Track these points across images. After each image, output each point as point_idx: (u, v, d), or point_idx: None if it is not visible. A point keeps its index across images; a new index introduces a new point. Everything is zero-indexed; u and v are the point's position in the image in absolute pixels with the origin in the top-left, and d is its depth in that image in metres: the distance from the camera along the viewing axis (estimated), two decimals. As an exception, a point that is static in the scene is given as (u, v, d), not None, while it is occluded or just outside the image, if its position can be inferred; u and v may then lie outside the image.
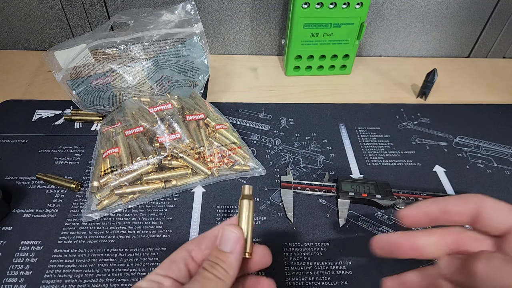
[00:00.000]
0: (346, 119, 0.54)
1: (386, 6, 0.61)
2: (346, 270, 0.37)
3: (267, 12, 0.60)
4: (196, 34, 0.49)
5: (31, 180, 0.43)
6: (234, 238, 0.25)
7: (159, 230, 0.39)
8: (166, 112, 0.45)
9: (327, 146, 0.49)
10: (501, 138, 0.52)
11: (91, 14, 0.59)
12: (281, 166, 0.46)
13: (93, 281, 0.35)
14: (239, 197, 0.27)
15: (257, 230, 0.40)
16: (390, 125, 0.53)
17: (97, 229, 0.39)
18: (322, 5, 0.52)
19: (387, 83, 0.62)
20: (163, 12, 0.48)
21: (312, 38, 0.56)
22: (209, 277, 0.23)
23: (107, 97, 0.48)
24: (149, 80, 0.49)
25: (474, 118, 0.55)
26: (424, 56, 0.69)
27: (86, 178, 0.44)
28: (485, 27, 0.65)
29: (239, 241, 0.25)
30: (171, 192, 0.42)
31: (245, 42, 0.64)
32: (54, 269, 0.35)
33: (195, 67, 0.50)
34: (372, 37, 0.65)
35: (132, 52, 0.48)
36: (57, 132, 0.49)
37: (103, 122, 0.46)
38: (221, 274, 0.24)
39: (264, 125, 0.52)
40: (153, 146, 0.42)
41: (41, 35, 0.62)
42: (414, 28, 0.64)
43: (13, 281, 0.35)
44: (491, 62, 0.68)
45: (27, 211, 0.40)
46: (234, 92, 0.58)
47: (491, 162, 0.48)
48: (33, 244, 0.37)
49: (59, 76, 0.46)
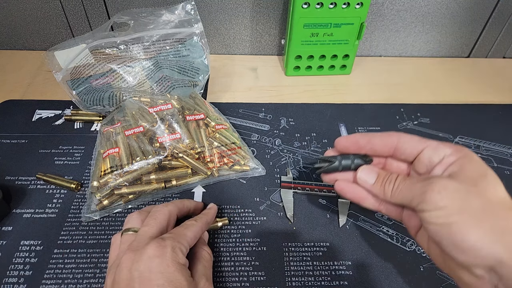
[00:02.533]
0: (346, 119, 0.54)
1: (386, 6, 0.61)
2: (346, 270, 0.37)
3: (267, 12, 0.60)
4: (196, 34, 0.49)
5: (31, 180, 0.43)
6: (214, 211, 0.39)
7: (159, 230, 0.39)
8: (166, 112, 0.45)
9: (327, 146, 0.49)
10: (501, 138, 0.52)
11: (91, 14, 0.59)
12: (281, 166, 0.46)
13: (93, 281, 0.35)
14: (239, 197, 0.27)
15: (257, 230, 0.40)
16: (390, 125, 0.53)
17: (97, 229, 0.39)
18: (322, 5, 0.52)
19: (387, 83, 0.62)
20: (163, 12, 0.48)
21: (312, 38, 0.56)
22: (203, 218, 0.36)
23: (107, 97, 0.48)
24: (149, 80, 0.49)
25: (474, 118, 0.55)
26: (424, 56, 0.69)
27: (86, 178, 0.44)
28: (485, 27, 0.65)
29: None
30: (171, 192, 0.42)
31: (245, 42, 0.64)
32: (54, 269, 0.36)
33: (195, 67, 0.50)
34: (372, 37, 0.65)
35: (132, 52, 0.48)
36: (57, 132, 0.49)
37: (103, 122, 0.46)
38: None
39: (264, 125, 0.52)
40: (153, 146, 0.42)
41: (41, 35, 0.62)
42: (414, 28, 0.64)
43: (13, 281, 0.35)
44: (491, 62, 0.68)
45: (27, 211, 0.40)
46: (234, 92, 0.58)
47: (491, 162, 0.48)
48: (33, 244, 0.37)
49: (59, 76, 0.46)
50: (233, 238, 0.39)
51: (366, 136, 0.32)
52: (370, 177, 0.31)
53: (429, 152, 0.29)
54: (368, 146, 0.32)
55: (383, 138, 0.31)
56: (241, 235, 0.39)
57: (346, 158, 0.32)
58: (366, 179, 0.31)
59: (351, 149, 0.32)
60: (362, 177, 0.31)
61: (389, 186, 0.29)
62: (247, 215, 0.41)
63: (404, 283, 0.36)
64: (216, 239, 0.39)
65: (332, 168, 0.33)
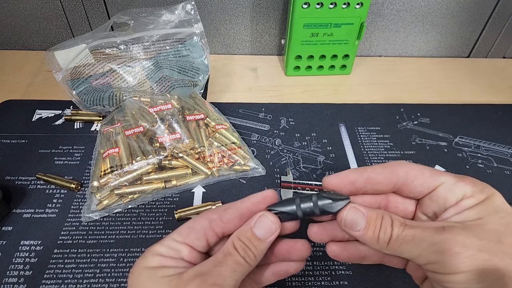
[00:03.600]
0: (346, 119, 0.54)
1: (386, 6, 0.61)
2: (346, 270, 0.37)
3: (267, 12, 0.60)
4: (196, 34, 0.49)
5: (31, 180, 0.43)
6: (272, 230, 0.24)
7: (159, 230, 0.39)
8: (166, 112, 0.45)
9: (327, 146, 0.49)
10: (501, 138, 0.52)
11: (91, 14, 0.59)
12: (281, 166, 0.46)
13: (93, 281, 0.35)
14: (239, 197, 0.27)
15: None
16: (390, 125, 0.53)
17: (97, 229, 0.39)
18: (322, 5, 0.52)
19: (387, 83, 0.62)
20: (163, 12, 0.48)
21: (312, 38, 0.56)
22: (241, 262, 0.23)
23: (107, 97, 0.48)
24: (149, 80, 0.49)
25: (474, 118, 0.55)
26: (424, 56, 0.69)
27: (86, 178, 0.44)
28: (485, 27, 0.65)
29: (275, 233, 0.24)
30: (171, 192, 0.42)
31: (245, 42, 0.64)
32: (54, 269, 0.35)
33: (195, 67, 0.50)
34: (372, 37, 0.65)
35: (132, 52, 0.48)
36: (57, 132, 0.49)
37: (103, 122, 0.46)
38: (251, 259, 0.23)
39: (264, 125, 0.52)
40: (153, 146, 0.42)
41: (41, 35, 0.62)
42: (414, 28, 0.64)
43: (13, 281, 0.35)
44: (491, 62, 0.68)
45: (27, 211, 0.40)
46: (234, 92, 0.58)
47: (491, 162, 0.48)
48: (33, 244, 0.37)
49: (59, 76, 0.46)
50: (233, 238, 0.39)
51: (364, 172, 0.25)
52: (357, 223, 0.24)
53: (445, 191, 0.24)
54: (368, 186, 0.25)
55: (386, 175, 0.25)
56: (241, 235, 0.39)
57: (306, 200, 0.24)
58: (352, 226, 0.24)
59: (345, 191, 0.25)
60: (347, 223, 0.24)
61: (385, 235, 0.23)
62: (247, 215, 0.41)
63: (404, 283, 0.36)
64: (216, 239, 0.39)
65: (289, 217, 0.24)
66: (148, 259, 0.23)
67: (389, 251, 0.23)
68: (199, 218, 0.25)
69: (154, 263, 0.23)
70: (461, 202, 0.23)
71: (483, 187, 0.23)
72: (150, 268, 0.23)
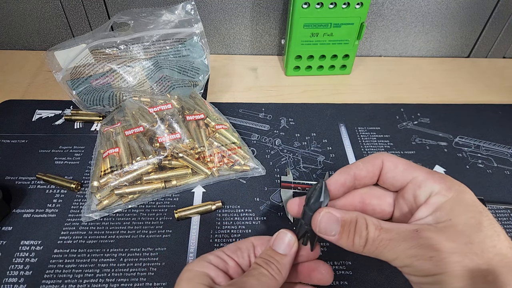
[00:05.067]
0: (346, 119, 0.54)
1: (386, 6, 0.61)
2: (346, 270, 0.37)
3: (267, 12, 0.60)
4: (196, 34, 0.49)
5: (31, 180, 0.43)
6: (288, 242, 0.26)
7: (159, 230, 0.39)
8: (166, 112, 0.45)
9: (327, 146, 0.49)
10: (501, 138, 0.52)
11: (91, 14, 0.59)
12: (281, 166, 0.46)
13: (93, 281, 0.35)
14: (239, 197, 0.27)
15: (257, 230, 0.40)
16: (390, 125, 0.53)
17: (97, 229, 0.39)
18: (322, 5, 0.52)
19: (387, 83, 0.62)
20: (163, 12, 0.48)
21: (312, 38, 0.56)
22: (265, 273, 0.24)
23: (107, 97, 0.48)
24: (149, 80, 0.49)
25: (474, 118, 0.55)
26: (424, 56, 0.69)
27: (86, 178, 0.44)
28: (485, 27, 0.65)
29: (293, 245, 0.26)
30: (171, 192, 0.42)
31: (245, 42, 0.64)
32: (54, 269, 0.35)
33: (195, 67, 0.50)
34: (372, 37, 0.65)
35: (132, 52, 0.48)
36: (57, 132, 0.49)
37: (103, 122, 0.46)
38: (275, 272, 0.25)
39: (264, 125, 0.52)
40: (153, 146, 0.42)
41: (41, 35, 0.62)
42: (414, 28, 0.64)
43: (13, 281, 0.35)
44: (491, 62, 0.68)
45: (27, 211, 0.40)
46: (234, 92, 0.58)
47: (491, 162, 0.48)
48: (33, 244, 0.37)
49: (59, 76, 0.46)
50: (233, 238, 0.39)
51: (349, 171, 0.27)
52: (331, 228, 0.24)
53: (414, 187, 0.24)
54: (357, 182, 0.27)
55: (368, 169, 0.26)
56: (241, 235, 0.39)
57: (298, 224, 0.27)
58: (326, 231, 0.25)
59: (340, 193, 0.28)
60: (321, 229, 0.25)
61: (360, 240, 0.23)
62: (247, 215, 0.41)
63: (404, 283, 0.36)
64: (216, 239, 0.39)
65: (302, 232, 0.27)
66: (195, 262, 0.25)
67: (365, 253, 0.24)
68: (245, 241, 0.28)
69: (199, 267, 0.25)
70: (430, 199, 0.23)
71: (452, 184, 0.23)
72: (193, 271, 0.25)
